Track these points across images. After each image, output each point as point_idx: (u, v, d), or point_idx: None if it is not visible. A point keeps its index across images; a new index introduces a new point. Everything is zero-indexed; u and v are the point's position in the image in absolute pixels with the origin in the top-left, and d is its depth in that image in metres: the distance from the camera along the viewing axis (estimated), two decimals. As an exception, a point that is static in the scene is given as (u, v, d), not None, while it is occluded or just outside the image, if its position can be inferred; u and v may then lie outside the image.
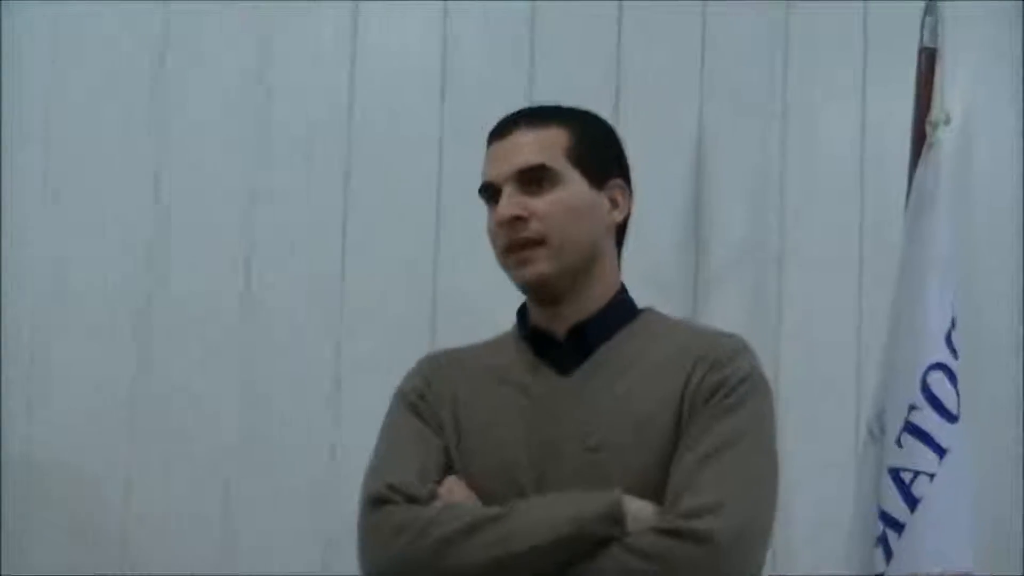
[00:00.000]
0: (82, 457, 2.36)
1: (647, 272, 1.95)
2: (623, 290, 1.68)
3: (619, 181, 1.68)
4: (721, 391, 1.56)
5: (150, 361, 2.40)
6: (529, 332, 1.67)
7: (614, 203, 1.67)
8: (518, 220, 1.60)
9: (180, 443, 2.39)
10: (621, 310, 1.67)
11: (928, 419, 2.05)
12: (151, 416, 2.40)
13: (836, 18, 2.63)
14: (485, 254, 1.68)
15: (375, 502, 1.56)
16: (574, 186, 1.62)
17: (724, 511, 1.46)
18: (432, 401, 1.66)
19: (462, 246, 2.42)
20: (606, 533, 1.46)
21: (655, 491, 1.51)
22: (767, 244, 2.62)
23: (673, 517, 1.47)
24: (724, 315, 2.49)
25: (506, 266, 1.64)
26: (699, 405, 1.55)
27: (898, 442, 2.04)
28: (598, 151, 1.66)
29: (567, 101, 1.71)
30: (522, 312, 1.71)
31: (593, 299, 1.65)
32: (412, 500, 1.55)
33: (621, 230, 1.70)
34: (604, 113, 1.76)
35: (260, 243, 2.46)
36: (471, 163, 1.71)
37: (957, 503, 2.03)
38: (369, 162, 2.47)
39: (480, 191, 1.67)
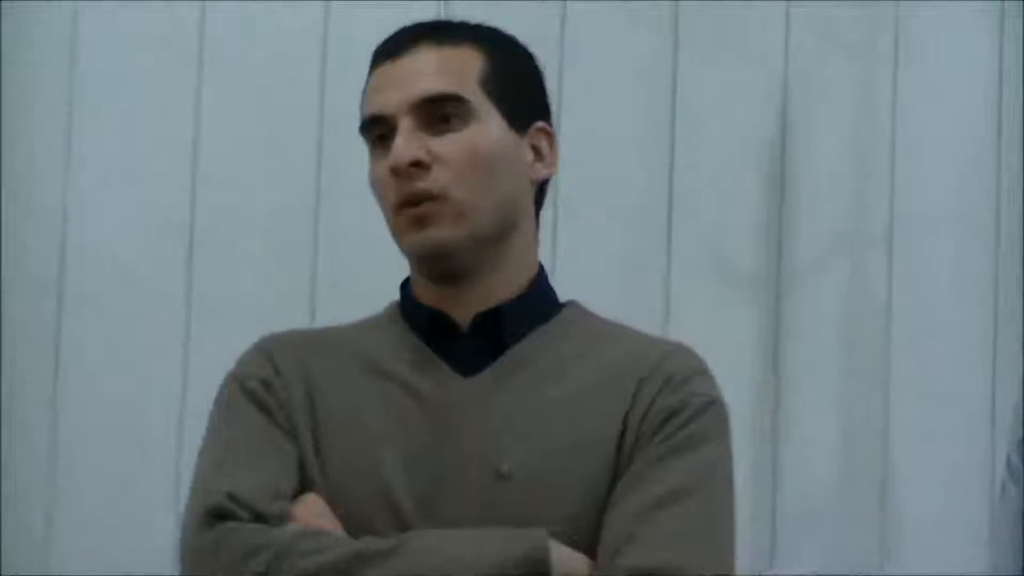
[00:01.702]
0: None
1: (719, 264, 1.90)
2: (542, 273, 1.46)
3: (544, 125, 1.44)
4: (676, 419, 1.37)
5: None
6: (421, 315, 1.43)
7: (538, 153, 1.43)
8: (418, 166, 1.35)
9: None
10: (542, 299, 1.45)
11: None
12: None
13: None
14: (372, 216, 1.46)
15: (211, 515, 1.31)
16: (490, 126, 1.38)
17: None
18: (280, 393, 1.41)
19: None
20: None
21: (582, 537, 1.33)
22: (870, 225, 2.38)
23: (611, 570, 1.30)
24: (816, 316, 2.32)
25: (396, 228, 1.40)
26: (647, 434, 1.36)
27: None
28: (520, 83, 1.44)
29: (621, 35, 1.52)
30: (407, 288, 1.47)
31: (507, 280, 1.42)
32: (259, 518, 1.31)
33: (541, 191, 1.47)
34: (660, 56, 1.56)
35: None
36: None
37: None
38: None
39: (362, 128, 1.42)
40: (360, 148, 1.46)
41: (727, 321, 2.24)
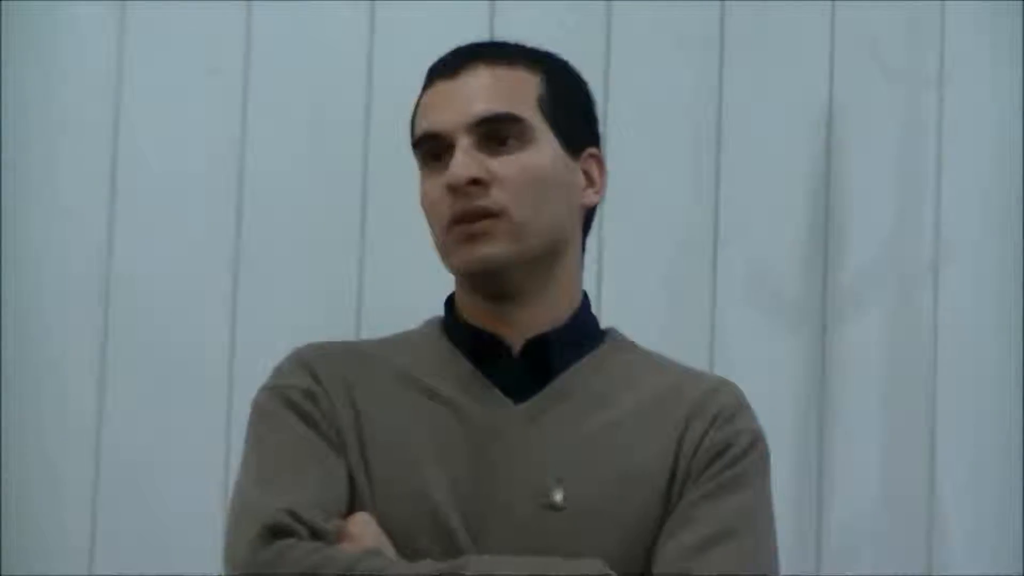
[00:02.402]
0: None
1: (764, 293, 1.89)
2: (587, 300, 1.45)
3: (595, 151, 1.44)
4: (723, 458, 1.36)
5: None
6: (468, 335, 1.41)
7: (589, 179, 1.42)
8: (476, 184, 1.34)
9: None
10: (588, 327, 1.44)
11: None
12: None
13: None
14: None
15: (270, 532, 1.27)
16: (547, 148, 1.37)
17: None
18: (323, 402, 1.38)
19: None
20: None
21: (630, 570, 1.31)
22: (918, 250, 2.36)
23: None
24: (864, 344, 2.28)
25: (446, 245, 1.37)
26: (697, 471, 1.35)
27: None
28: (574, 107, 1.43)
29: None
30: (450, 306, 1.45)
31: (554, 304, 1.41)
32: (316, 535, 1.28)
33: (588, 217, 1.46)
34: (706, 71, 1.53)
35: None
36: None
37: None
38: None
39: (414, 144, 1.40)
40: (406, 156, 1.45)
41: (772, 350, 2.22)
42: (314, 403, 1.38)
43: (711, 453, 1.36)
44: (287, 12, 2.27)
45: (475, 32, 1.83)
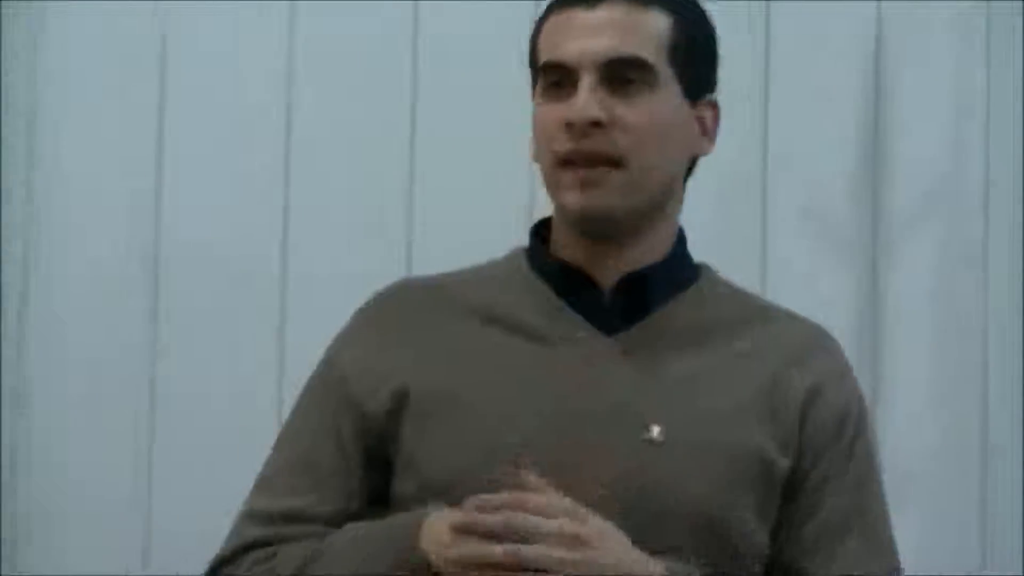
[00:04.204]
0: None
1: (810, 224, 1.83)
2: (682, 236, 1.42)
3: (713, 99, 1.41)
4: (848, 428, 1.36)
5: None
6: (556, 269, 1.37)
7: (703, 127, 1.40)
8: (597, 126, 1.29)
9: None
10: (684, 265, 1.41)
11: None
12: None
13: None
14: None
15: (243, 549, 1.35)
16: (671, 95, 1.35)
17: None
18: (365, 383, 1.36)
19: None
20: None
21: (722, 510, 1.29)
22: (967, 184, 2.32)
23: None
24: (912, 282, 2.26)
25: (555, 183, 1.34)
26: (821, 445, 1.35)
27: None
28: (701, 54, 1.39)
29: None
30: (539, 233, 1.41)
31: (655, 245, 1.38)
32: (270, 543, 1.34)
33: (693, 161, 1.42)
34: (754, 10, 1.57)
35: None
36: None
37: None
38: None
39: (541, 68, 1.35)
40: (453, 116, 1.44)
41: (823, 282, 2.20)
42: (360, 377, 1.37)
43: (834, 423, 1.36)
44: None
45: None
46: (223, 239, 2.23)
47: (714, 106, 1.40)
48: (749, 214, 2.24)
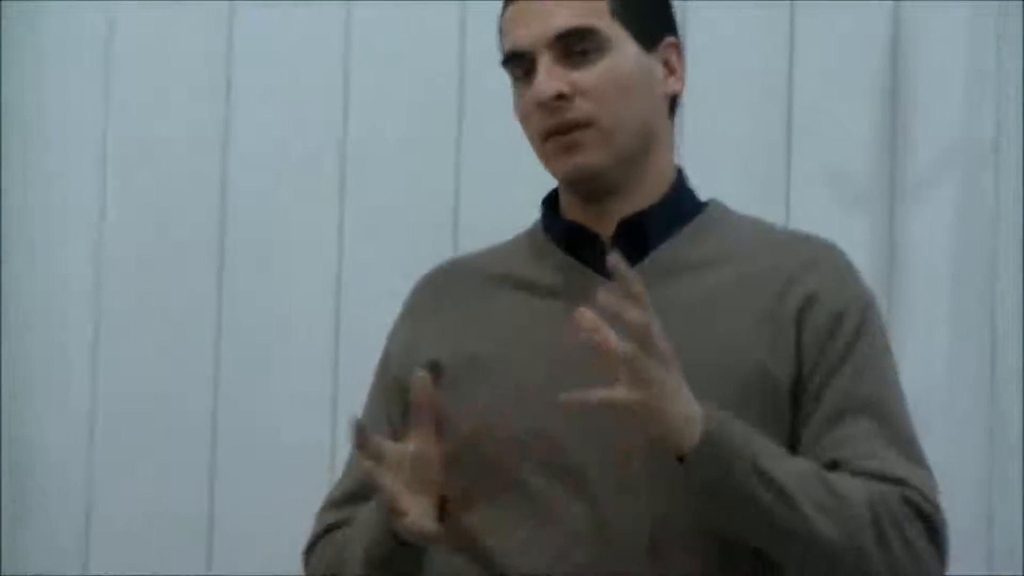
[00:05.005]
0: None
1: (831, 179, 1.89)
2: (681, 176, 1.48)
3: (672, 39, 1.47)
4: (845, 326, 1.38)
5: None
6: (562, 228, 1.46)
7: (669, 68, 1.46)
8: (561, 98, 1.39)
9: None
10: (683, 202, 1.47)
11: None
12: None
13: None
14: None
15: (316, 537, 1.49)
16: (624, 51, 1.42)
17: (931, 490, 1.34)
18: (400, 371, 1.46)
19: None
20: None
21: None
22: (982, 136, 2.33)
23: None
24: (931, 230, 2.29)
25: (544, 155, 1.43)
26: (814, 343, 1.37)
27: None
28: (647, 6, 1.46)
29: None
30: (550, 204, 1.50)
31: (649, 190, 1.45)
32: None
33: (673, 101, 1.49)
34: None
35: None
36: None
37: None
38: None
39: (504, 63, 1.45)
40: (501, 77, 1.50)
41: (842, 234, 2.12)
42: (393, 371, 1.48)
43: (823, 325, 1.37)
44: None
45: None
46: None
47: (675, 45, 1.46)
48: (773, 167, 2.27)
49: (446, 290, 1.51)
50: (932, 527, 1.32)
